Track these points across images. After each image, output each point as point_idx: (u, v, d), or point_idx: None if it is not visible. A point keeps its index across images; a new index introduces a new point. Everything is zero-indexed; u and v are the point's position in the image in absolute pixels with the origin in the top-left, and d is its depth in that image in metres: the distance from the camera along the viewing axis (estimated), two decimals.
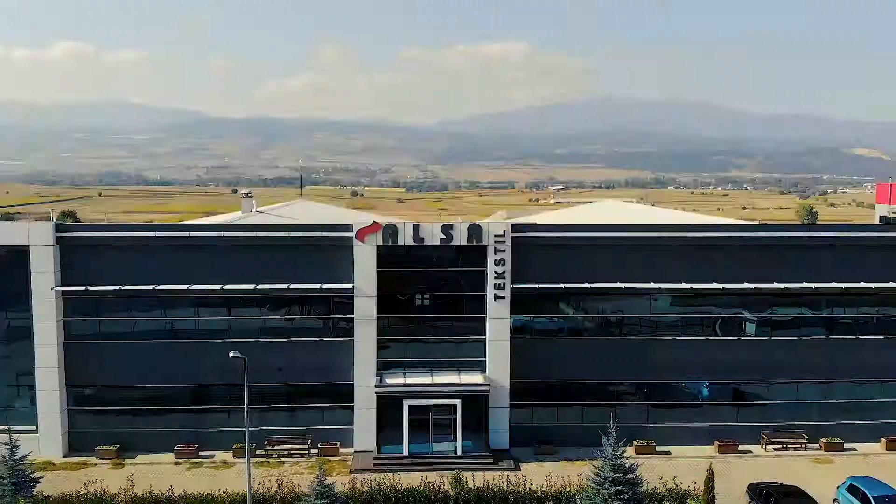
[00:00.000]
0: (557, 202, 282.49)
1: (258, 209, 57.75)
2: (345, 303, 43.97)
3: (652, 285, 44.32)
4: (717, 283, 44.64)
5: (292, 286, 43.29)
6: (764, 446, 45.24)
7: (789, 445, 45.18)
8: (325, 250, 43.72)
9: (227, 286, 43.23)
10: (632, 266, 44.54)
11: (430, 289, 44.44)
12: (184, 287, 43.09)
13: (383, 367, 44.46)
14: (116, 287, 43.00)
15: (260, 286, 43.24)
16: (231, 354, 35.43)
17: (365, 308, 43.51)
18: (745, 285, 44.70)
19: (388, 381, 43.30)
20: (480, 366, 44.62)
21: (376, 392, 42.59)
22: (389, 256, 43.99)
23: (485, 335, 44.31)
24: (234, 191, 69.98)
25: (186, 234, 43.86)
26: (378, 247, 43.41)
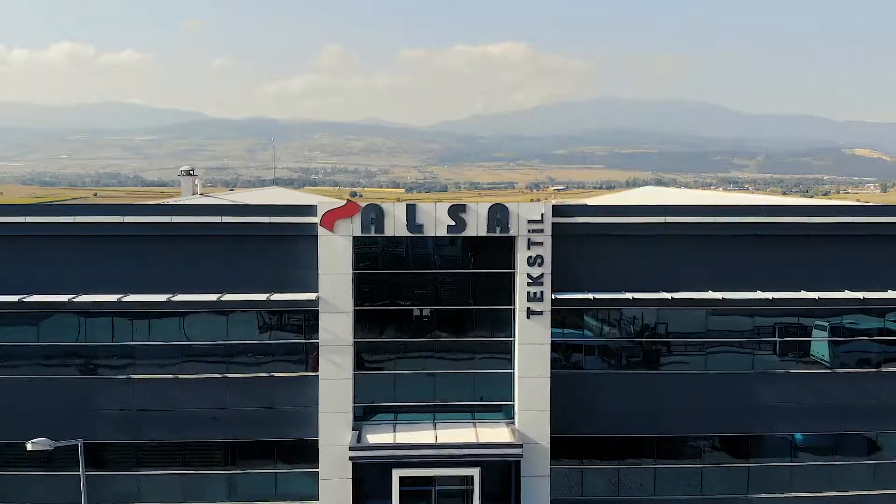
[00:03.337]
0: None
1: (203, 192, 43.61)
2: (307, 320, 29.96)
3: (758, 295, 30.21)
4: (848, 290, 30.62)
5: (227, 297, 29.20)
6: None
7: None
8: (277, 244, 29.75)
9: (131, 297, 29.16)
10: (726, 267, 30.57)
11: (432, 300, 30.42)
12: (65, 298, 29.01)
13: (363, 414, 30.41)
14: None
15: (179, 297, 29.15)
16: (28, 447, 21.95)
17: (335, 328, 29.42)
18: (891, 293, 30.67)
19: (370, 437, 29.17)
20: (506, 411, 30.60)
21: (352, 457, 28.41)
22: (373, 253, 30.06)
23: (511, 367, 30.30)
24: (188, 172, 55.76)
25: (70, 219, 29.62)
26: (355, 238, 29.42)
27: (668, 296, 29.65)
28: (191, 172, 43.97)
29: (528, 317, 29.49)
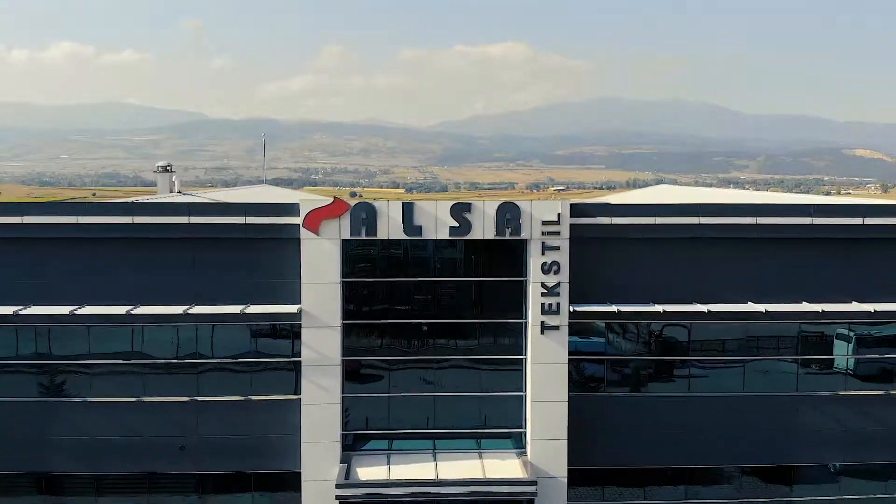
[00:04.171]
0: None
1: (182, 191, 39.83)
2: (288, 336, 26.21)
3: (805, 307, 26.43)
4: None
5: (194, 309, 25.41)
6: None
7: None
8: (256, 249, 25.96)
9: (85, 310, 25.39)
10: (765, 274, 26.83)
11: (431, 312, 26.67)
12: (10, 310, 25.23)
13: (353, 443, 26.66)
14: None
15: (140, 309, 25.37)
16: None
17: (320, 346, 25.63)
18: None
19: (361, 471, 25.39)
20: (516, 439, 26.86)
21: (339, 495, 24.49)
22: (364, 259, 26.31)
23: (522, 388, 26.55)
24: (165, 169, 51.92)
25: (18, 219, 25.71)
26: (344, 242, 25.64)
27: (703, 308, 25.87)
28: (168, 168, 40.19)
29: (542, 332, 25.71)
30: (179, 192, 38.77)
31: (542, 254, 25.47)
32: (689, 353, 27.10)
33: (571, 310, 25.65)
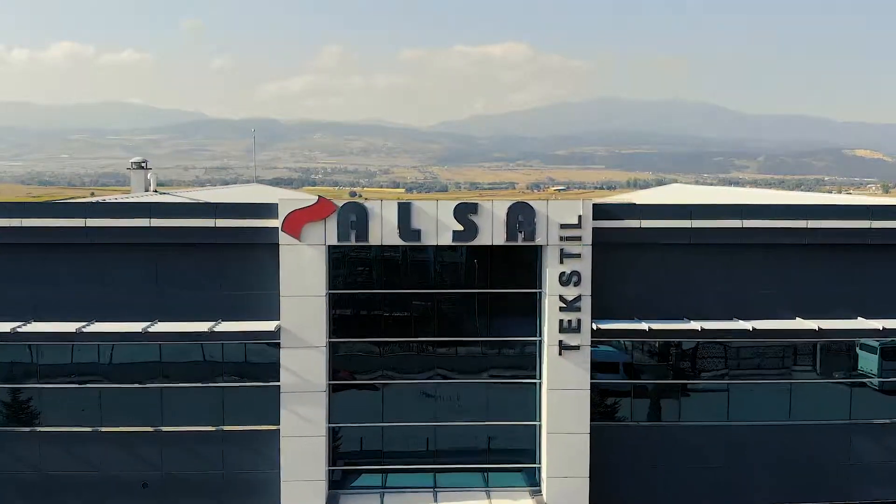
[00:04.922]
0: None
1: (158, 189, 36.34)
2: (265, 358, 22.76)
3: (861, 324, 22.98)
4: None
5: (156, 327, 21.96)
6: None
7: None
8: (229, 256, 22.55)
9: (31, 327, 21.96)
10: (814, 286, 23.41)
11: (432, 327, 23.25)
12: None
13: (342, 479, 23.23)
14: None
15: (94, 327, 21.93)
16: None
17: (303, 369, 22.18)
18: None
19: None
20: (527, 473, 23.43)
21: None
22: (353, 268, 22.88)
23: (536, 417, 23.12)
24: (140, 165, 48.87)
25: None
26: (331, 248, 22.22)
27: (747, 326, 22.39)
28: (143, 165, 36.74)
29: (559, 353, 22.27)
30: (156, 192, 35.38)
31: (561, 262, 22.04)
32: (727, 374, 23.70)
33: (594, 327, 22.19)
